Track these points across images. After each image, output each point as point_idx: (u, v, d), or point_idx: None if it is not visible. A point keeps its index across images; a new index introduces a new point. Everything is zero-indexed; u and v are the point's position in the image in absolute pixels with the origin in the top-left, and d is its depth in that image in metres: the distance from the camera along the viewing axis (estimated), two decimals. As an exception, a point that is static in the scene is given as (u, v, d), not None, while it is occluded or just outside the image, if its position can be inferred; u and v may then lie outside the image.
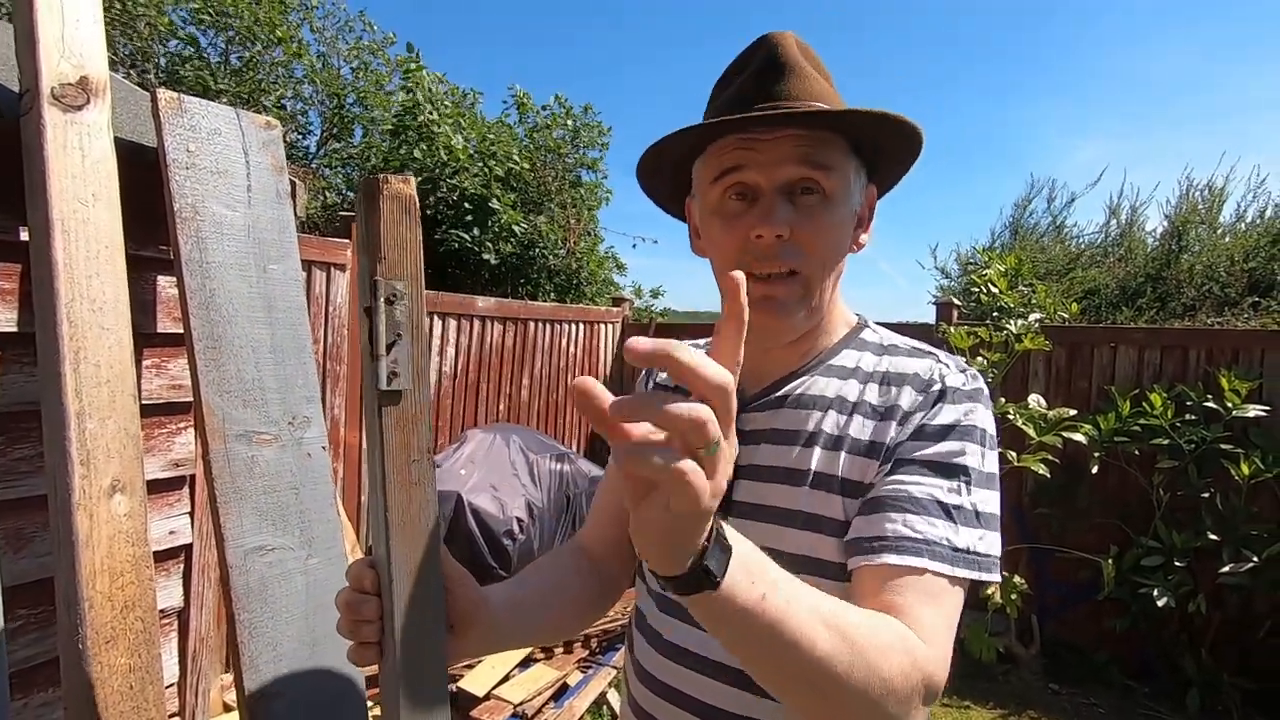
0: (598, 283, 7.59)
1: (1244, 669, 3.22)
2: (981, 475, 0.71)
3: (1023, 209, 8.31)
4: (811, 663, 0.52)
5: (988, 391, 0.76)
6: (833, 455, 0.74)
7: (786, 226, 0.71)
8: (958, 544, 0.67)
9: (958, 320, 4.10)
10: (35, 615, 1.33)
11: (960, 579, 0.66)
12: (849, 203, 0.77)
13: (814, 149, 0.73)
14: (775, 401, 0.79)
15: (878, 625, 0.59)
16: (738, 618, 0.50)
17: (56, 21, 1.15)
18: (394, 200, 0.62)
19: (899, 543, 0.66)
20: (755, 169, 0.73)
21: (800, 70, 0.75)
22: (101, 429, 1.10)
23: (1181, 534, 3.25)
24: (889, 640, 0.58)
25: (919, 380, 0.75)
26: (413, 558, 0.65)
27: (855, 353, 0.81)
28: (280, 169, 1.46)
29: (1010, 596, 3.27)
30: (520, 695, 2.76)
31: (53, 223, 1.09)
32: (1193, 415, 3.37)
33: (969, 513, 0.69)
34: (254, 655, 1.21)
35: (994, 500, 0.72)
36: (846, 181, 0.76)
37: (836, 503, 0.72)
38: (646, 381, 0.98)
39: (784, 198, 0.73)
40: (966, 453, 0.70)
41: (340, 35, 8.73)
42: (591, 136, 8.02)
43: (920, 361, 0.77)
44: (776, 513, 0.75)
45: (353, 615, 0.66)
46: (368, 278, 0.62)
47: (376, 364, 0.60)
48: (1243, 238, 6.54)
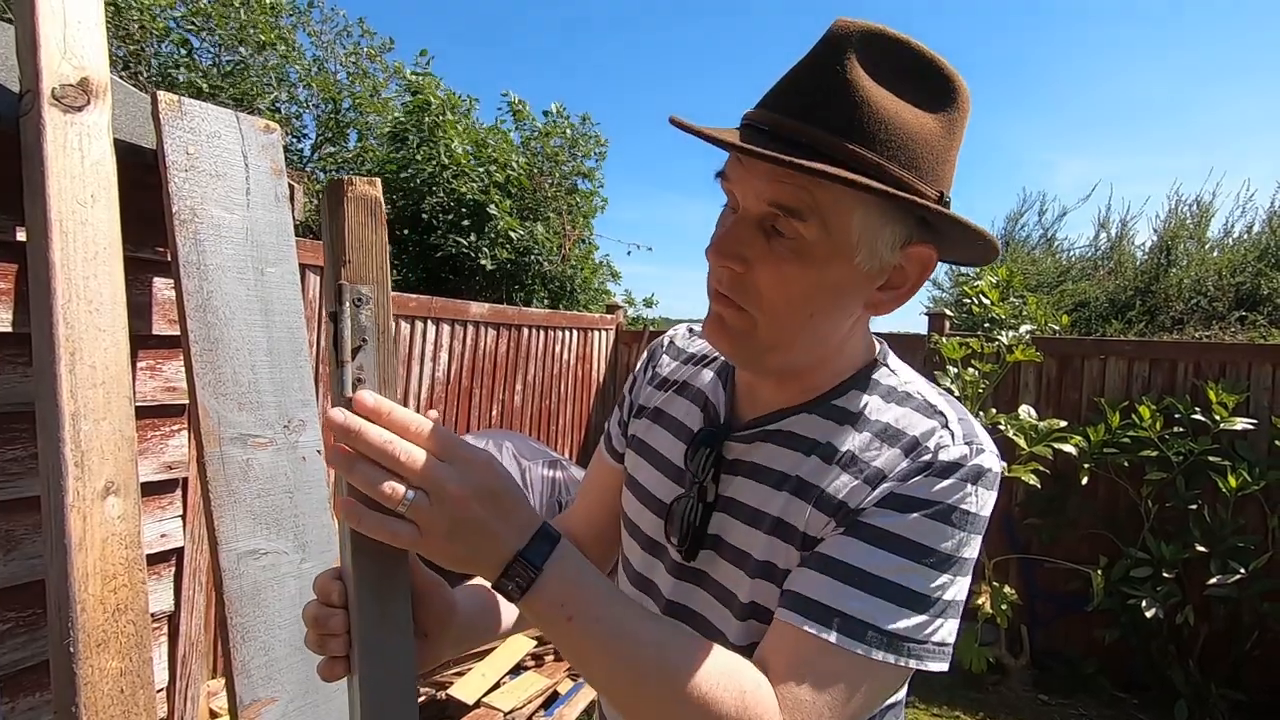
0: (592, 290, 7.60)
1: (1232, 680, 3.24)
2: (950, 562, 0.63)
3: (1014, 222, 8.42)
4: (615, 681, 0.59)
5: (996, 471, 0.65)
6: (800, 506, 0.67)
7: (741, 263, 0.63)
8: (887, 626, 0.60)
9: (950, 331, 4.13)
10: (24, 618, 1.32)
11: (883, 664, 0.60)
12: (843, 259, 0.63)
13: (793, 191, 0.60)
14: (761, 435, 0.73)
15: (714, 664, 0.59)
16: (546, 629, 0.58)
17: (58, 23, 1.15)
18: (359, 203, 0.61)
19: (814, 607, 0.61)
20: (735, 186, 0.65)
21: (844, 94, 0.60)
22: (96, 430, 1.10)
23: (1170, 545, 3.27)
24: (718, 680, 0.58)
25: (912, 443, 0.65)
26: (376, 569, 0.62)
27: (862, 395, 0.70)
28: (279, 172, 1.46)
29: (1000, 607, 3.29)
30: (510, 703, 2.75)
31: (51, 223, 1.09)
32: (1181, 428, 3.40)
33: (915, 596, 0.61)
34: (246, 659, 1.21)
35: (956, 588, 0.64)
36: (845, 236, 0.62)
37: (794, 555, 0.66)
38: (647, 369, 0.93)
39: (758, 230, 0.63)
40: (936, 535, 0.62)
41: (338, 40, 8.75)
42: (589, 146, 8.06)
43: (926, 421, 0.66)
44: (737, 553, 0.71)
45: (319, 629, 0.65)
46: (333, 282, 0.61)
47: (341, 370, 0.59)
48: (1230, 252, 6.63)
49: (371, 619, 0.62)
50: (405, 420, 0.56)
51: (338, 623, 0.64)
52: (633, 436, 0.88)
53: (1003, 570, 3.71)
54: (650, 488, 0.81)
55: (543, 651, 3.17)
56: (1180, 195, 7.32)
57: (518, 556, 0.57)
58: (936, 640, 0.62)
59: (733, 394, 0.79)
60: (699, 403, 0.82)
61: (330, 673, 0.65)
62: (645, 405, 0.88)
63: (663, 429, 0.84)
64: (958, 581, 0.64)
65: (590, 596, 0.59)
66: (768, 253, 0.63)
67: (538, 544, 0.58)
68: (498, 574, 0.57)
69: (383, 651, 0.63)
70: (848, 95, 0.60)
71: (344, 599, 0.65)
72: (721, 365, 0.84)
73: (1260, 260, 6.29)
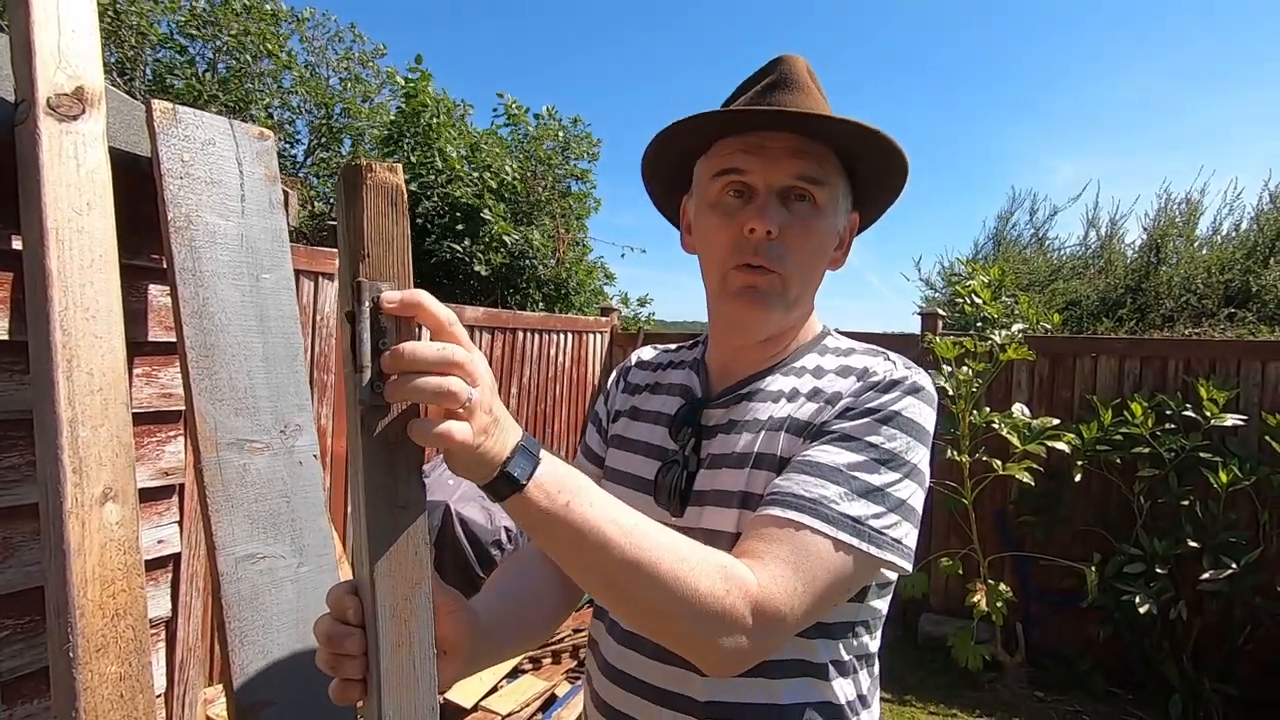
0: (586, 292, 7.60)
1: (1225, 674, 3.27)
2: (897, 460, 0.72)
3: (1005, 222, 8.45)
4: (612, 565, 0.61)
5: (932, 391, 0.79)
6: (774, 436, 0.78)
7: (776, 225, 0.77)
8: (847, 511, 0.68)
9: (942, 330, 4.16)
10: (22, 625, 1.32)
11: (842, 544, 0.67)
12: (835, 217, 0.83)
13: (810, 160, 0.79)
14: (735, 398, 0.84)
15: (694, 549, 0.64)
16: (543, 520, 0.59)
17: (53, 32, 1.16)
18: (379, 191, 0.55)
19: (784, 497, 0.69)
20: (755, 171, 0.79)
21: (808, 89, 0.81)
22: (94, 437, 1.10)
23: (1162, 541, 3.30)
24: (699, 559, 0.63)
25: (864, 372, 0.79)
26: (399, 589, 0.57)
27: (816, 356, 0.86)
28: (274, 179, 1.47)
29: (996, 604, 3.31)
30: (508, 706, 2.75)
31: (47, 231, 1.10)
32: (1172, 424, 3.43)
33: (871, 488, 0.70)
34: (244, 663, 1.21)
35: (909, 489, 0.73)
36: (836, 197, 0.82)
37: (772, 479, 0.75)
38: (619, 382, 1.03)
39: (778, 200, 0.79)
40: (885, 436, 0.72)
41: (330, 45, 8.75)
42: (582, 148, 8.07)
43: (871, 359, 0.82)
44: (723, 495, 0.79)
45: (333, 649, 0.61)
46: (349, 279, 0.54)
47: (360, 376, 0.53)
48: (1219, 250, 6.68)
49: (392, 641, 0.57)
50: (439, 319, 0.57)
51: (354, 643, 0.60)
52: (613, 437, 0.96)
53: (997, 568, 3.73)
54: (633, 469, 0.89)
55: (540, 655, 3.18)
56: (1169, 194, 7.33)
57: (520, 445, 0.59)
58: (894, 536, 0.70)
59: (706, 377, 0.91)
60: (675, 393, 0.92)
61: (344, 696, 0.62)
62: (622, 409, 0.98)
63: (642, 422, 0.93)
64: (908, 484, 0.73)
65: (581, 482, 0.62)
66: (791, 217, 0.79)
67: (528, 436, 0.61)
68: (501, 465, 0.58)
69: (403, 676, 0.58)
70: (807, 88, 0.81)
71: (360, 617, 0.61)
72: (690, 361, 0.96)
73: (1248, 258, 6.34)
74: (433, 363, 0.54)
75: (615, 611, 0.69)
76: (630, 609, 0.65)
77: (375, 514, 0.57)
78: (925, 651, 3.81)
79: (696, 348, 0.98)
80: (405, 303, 0.54)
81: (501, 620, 0.80)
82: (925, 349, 3.67)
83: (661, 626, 0.64)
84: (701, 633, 0.62)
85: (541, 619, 0.88)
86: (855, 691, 0.79)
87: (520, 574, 0.90)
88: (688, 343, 1.01)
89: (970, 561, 3.54)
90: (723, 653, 0.63)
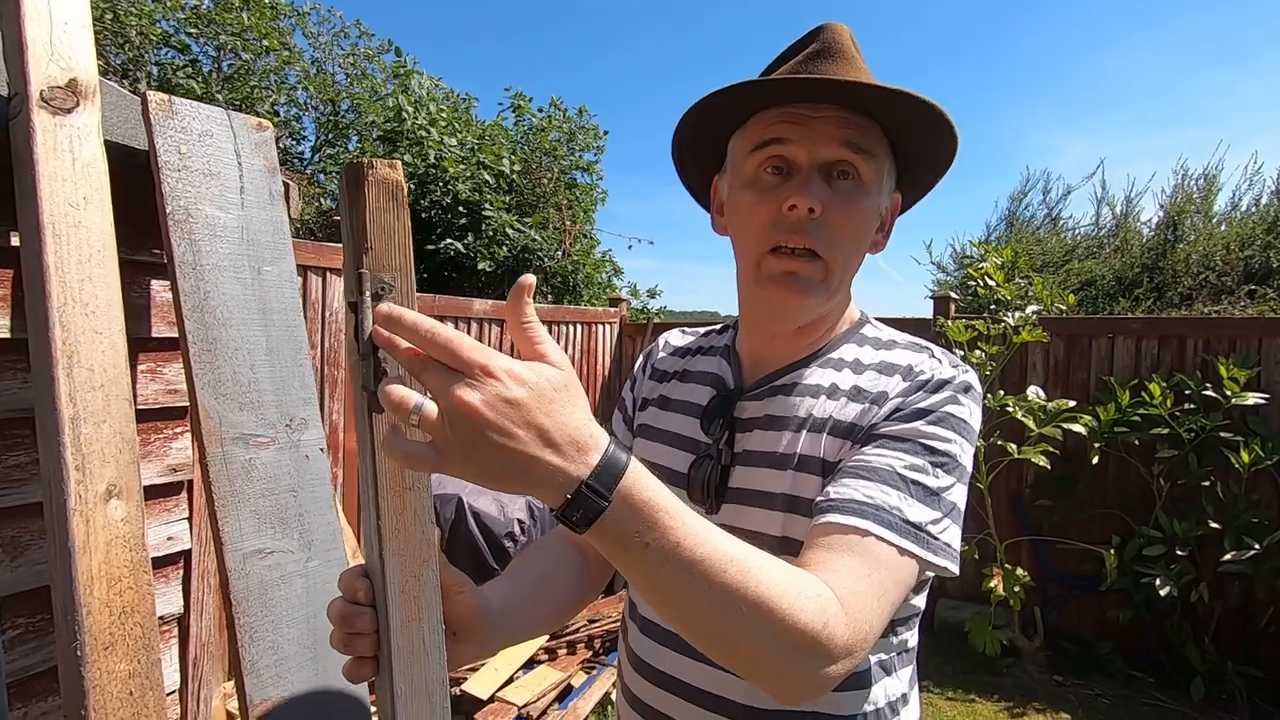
0: (594, 285, 7.57)
1: (1248, 657, 3.22)
2: (951, 463, 0.69)
3: (1018, 202, 8.33)
4: (702, 603, 0.53)
5: (979, 390, 0.76)
6: (816, 438, 0.74)
7: (820, 203, 0.72)
8: (909, 517, 0.65)
9: (955, 314, 4.10)
10: (33, 624, 1.32)
11: (906, 551, 0.64)
12: (880, 195, 0.78)
13: (856, 133, 0.74)
14: (770, 390, 0.80)
15: (783, 575, 0.56)
16: (619, 559, 0.52)
17: (44, 25, 1.15)
18: (380, 186, 0.58)
19: (845, 504, 0.65)
20: (797, 144, 0.74)
21: (852, 59, 0.76)
22: (96, 433, 1.09)
23: (1183, 523, 3.25)
24: (796, 590, 0.55)
25: (909, 370, 0.75)
26: (408, 567, 0.61)
27: (855, 347, 0.81)
28: (273, 170, 1.45)
29: (1013, 589, 3.27)
30: (525, 697, 2.75)
31: (43, 226, 1.08)
32: (1191, 404, 3.36)
33: (929, 492, 0.67)
34: (255, 659, 1.21)
35: (960, 492, 0.70)
36: (881, 174, 0.77)
37: (816, 484, 0.72)
38: (645, 368, 0.99)
39: (821, 176, 0.74)
40: (938, 437, 0.69)
41: (335, 41, 8.74)
42: (587, 139, 8.02)
43: (915, 355, 0.78)
44: (762, 497, 0.75)
45: (346, 629, 0.63)
46: (353, 270, 0.58)
47: (365, 363, 0.55)
48: (1239, 226, 6.54)
49: (401, 617, 0.61)
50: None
51: (365, 621, 0.63)
52: (640, 426, 0.92)
53: (1015, 552, 3.69)
54: (664, 462, 0.85)
55: (556, 645, 3.18)
56: (1186, 170, 7.18)
57: (581, 489, 0.50)
58: (945, 539, 0.68)
59: (738, 365, 0.87)
60: (705, 382, 0.88)
61: (357, 673, 0.64)
62: (649, 397, 0.94)
63: (672, 412, 0.89)
64: (958, 487, 0.70)
65: (665, 519, 0.52)
66: (834, 195, 0.74)
67: (608, 460, 0.51)
68: (570, 495, 0.49)
69: (413, 651, 0.61)
70: (852, 57, 0.76)
71: (371, 597, 0.63)
72: (721, 348, 0.91)
73: (1269, 233, 6.21)
74: (408, 330, 0.49)
75: (696, 643, 0.58)
76: (715, 645, 0.56)
77: (383, 496, 0.60)
78: (942, 637, 3.78)
79: (726, 333, 0.94)
80: (385, 315, 0.51)
81: (518, 601, 0.79)
82: (938, 333, 3.62)
83: (751, 665, 0.57)
84: (797, 665, 0.56)
85: (561, 603, 0.87)
86: (898, 690, 0.77)
87: (544, 557, 0.89)
88: (717, 327, 0.97)
89: (987, 546, 3.50)
90: (814, 682, 0.57)
